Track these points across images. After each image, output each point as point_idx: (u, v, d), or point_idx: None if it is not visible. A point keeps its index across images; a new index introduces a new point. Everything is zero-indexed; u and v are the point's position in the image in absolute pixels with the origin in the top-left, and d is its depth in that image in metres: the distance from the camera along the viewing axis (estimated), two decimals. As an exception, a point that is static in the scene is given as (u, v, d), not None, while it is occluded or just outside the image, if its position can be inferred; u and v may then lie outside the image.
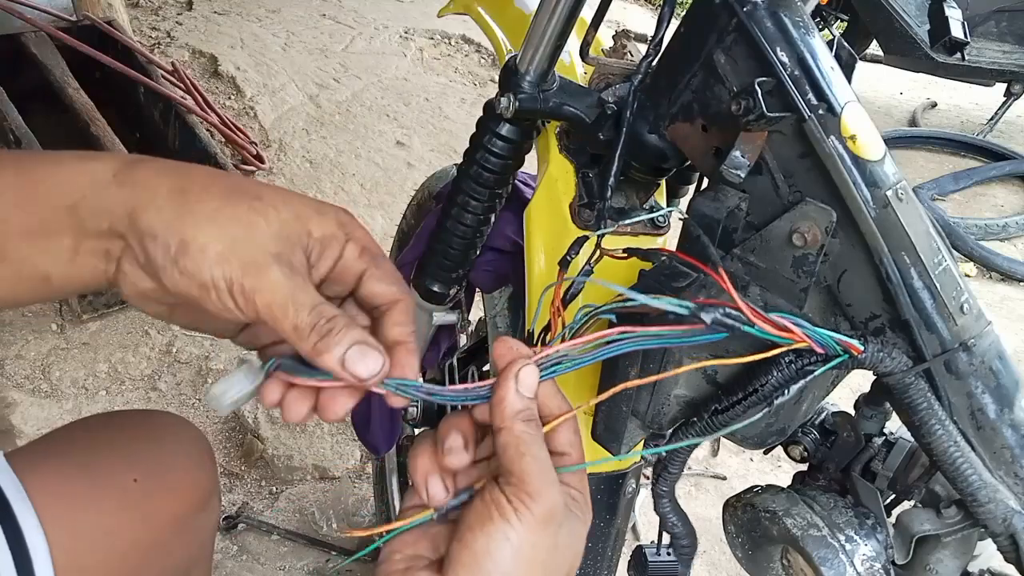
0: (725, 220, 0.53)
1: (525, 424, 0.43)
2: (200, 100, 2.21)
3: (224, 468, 1.55)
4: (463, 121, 2.80)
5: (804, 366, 0.48)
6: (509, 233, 0.85)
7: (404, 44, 3.19)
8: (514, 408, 0.43)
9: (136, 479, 0.65)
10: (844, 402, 0.65)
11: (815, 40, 0.50)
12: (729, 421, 0.52)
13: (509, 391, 0.43)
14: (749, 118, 0.49)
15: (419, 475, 0.45)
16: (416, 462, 0.45)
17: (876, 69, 3.49)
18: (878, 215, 0.48)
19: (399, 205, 2.29)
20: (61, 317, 1.74)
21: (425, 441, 0.46)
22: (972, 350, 0.50)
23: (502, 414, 0.43)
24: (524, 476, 0.41)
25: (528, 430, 0.43)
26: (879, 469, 0.59)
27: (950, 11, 0.54)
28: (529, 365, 0.44)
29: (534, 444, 0.42)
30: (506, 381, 0.43)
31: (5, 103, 1.74)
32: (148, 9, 2.94)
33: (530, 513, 0.40)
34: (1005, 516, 0.50)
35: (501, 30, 0.90)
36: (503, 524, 0.40)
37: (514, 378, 0.43)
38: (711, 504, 1.69)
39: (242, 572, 1.38)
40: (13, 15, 1.94)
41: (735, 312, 0.45)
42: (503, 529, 0.40)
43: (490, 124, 0.71)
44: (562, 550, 0.42)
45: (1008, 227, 2.75)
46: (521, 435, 0.42)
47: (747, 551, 0.63)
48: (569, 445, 0.46)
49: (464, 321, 1.00)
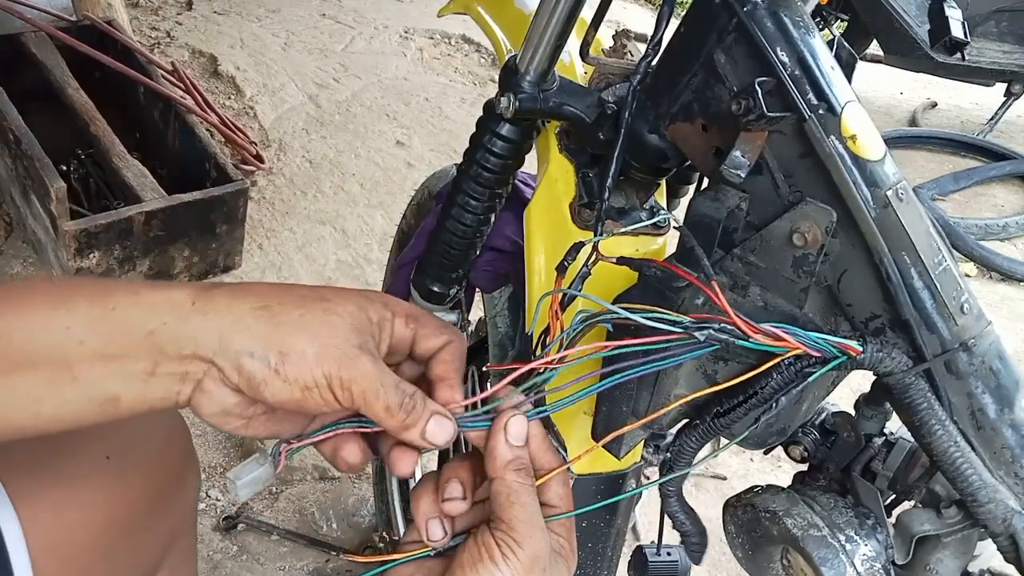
0: (725, 220, 0.53)
1: (516, 474, 0.47)
2: (200, 100, 2.21)
3: (224, 468, 1.55)
4: (463, 121, 2.80)
5: (803, 369, 0.48)
6: (509, 233, 0.85)
7: (404, 44, 3.19)
8: (505, 458, 0.48)
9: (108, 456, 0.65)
10: (844, 402, 0.65)
11: (815, 40, 0.50)
12: (730, 424, 0.53)
13: (499, 443, 0.48)
14: (749, 118, 0.49)
15: (420, 517, 0.50)
16: (418, 504, 0.50)
17: (876, 69, 3.48)
18: (878, 215, 0.48)
19: (399, 205, 2.29)
20: (61, 317, 1.74)
21: (427, 484, 0.51)
22: (972, 350, 0.50)
23: (494, 465, 0.48)
24: (513, 523, 0.45)
25: (519, 479, 0.47)
26: (879, 469, 0.59)
27: (950, 11, 0.54)
28: (516, 416, 0.49)
29: (524, 493, 0.47)
30: (496, 434, 0.48)
31: (5, 103, 1.73)
32: (148, 9, 2.94)
33: (516, 559, 0.44)
34: (1005, 516, 0.50)
35: (501, 30, 0.90)
36: (492, 567, 0.44)
37: (503, 431, 0.48)
38: (711, 504, 1.69)
39: (242, 572, 1.38)
40: (13, 15, 1.94)
41: (729, 327, 0.46)
42: (491, 571, 0.44)
43: (490, 124, 0.71)
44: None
45: (1008, 227, 2.75)
46: (512, 484, 0.47)
47: (747, 551, 0.63)
48: (558, 499, 0.51)
49: (464, 321, 1.00)
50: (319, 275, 2.03)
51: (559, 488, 0.51)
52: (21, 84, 1.87)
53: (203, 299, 0.46)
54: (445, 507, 0.49)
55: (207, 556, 1.38)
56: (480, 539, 0.46)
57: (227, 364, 0.45)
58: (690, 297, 0.52)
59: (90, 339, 0.45)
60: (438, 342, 0.53)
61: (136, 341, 0.45)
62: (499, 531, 0.45)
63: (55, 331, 0.45)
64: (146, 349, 0.45)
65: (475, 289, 1.00)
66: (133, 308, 0.46)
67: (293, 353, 0.45)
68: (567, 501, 0.51)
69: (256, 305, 0.46)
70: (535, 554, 0.45)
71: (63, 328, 0.45)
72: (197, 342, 0.45)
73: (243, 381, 0.45)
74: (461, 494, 0.49)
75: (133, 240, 1.67)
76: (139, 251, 1.70)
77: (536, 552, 0.45)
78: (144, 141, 2.10)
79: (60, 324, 0.45)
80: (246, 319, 0.46)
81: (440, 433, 0.48)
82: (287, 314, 0.46)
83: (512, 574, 0.44)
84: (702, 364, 0.54)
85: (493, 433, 0.49)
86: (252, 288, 0.48)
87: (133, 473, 0.68)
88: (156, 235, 1.70)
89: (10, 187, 1.84)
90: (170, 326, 0.45)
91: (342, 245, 2.15)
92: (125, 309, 0.46)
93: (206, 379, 0.46)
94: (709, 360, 0.54)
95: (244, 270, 1.97)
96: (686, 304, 0.52)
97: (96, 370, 0.45)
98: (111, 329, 0.45)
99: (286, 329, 0.46)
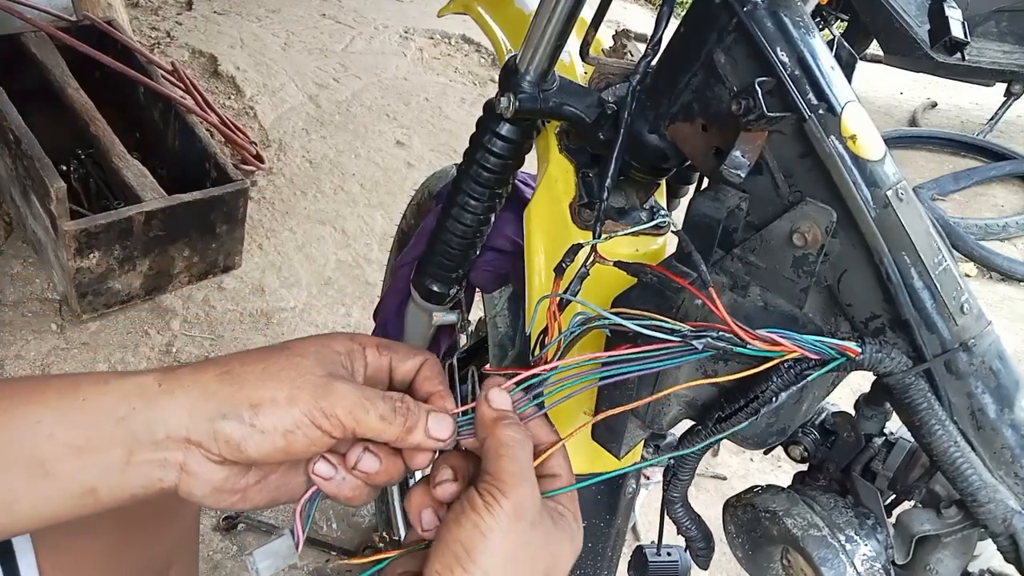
0: (725, 220, 0.53)
1: (505, 427, 0.47)
2: (200, 100, 2.20)
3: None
4: (463, 121, 2.80)
5: (802, 371, 0.48)
6: (509, 233, 0.85)
7: (404, 44, 3.19)
8: (489, 416, 0.48)
9: None
10: (844, 402, 0.65)
11: (815, 40, 0.50)
12: (732, 427, 0.53)
13: (481, 406, 0.49)
14: (749, 118, 0.49)
15: (413, 510, 0.49)
16: (411, 500, 0.50)
17: (876, 69, 3.48)
18: (878, 215, 0.48)
19: (399, 205, 2.29)
20: (61, 317, 1.74)
21: (421, 483, 0.51)
22: (972, 350, 0.50)
23: (483, 425, 0.48)
24: (498, 473, 0.45)
25: (509, 432, 0.47)
26: (879, 469, 0.59)
27: (950, 11, 0.54)
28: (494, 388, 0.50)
29: (514, 446, 0.47)
30: (479, 403, 0.50)
31: (5, 103, 1.73)
32: (148, 9, 2.94)
33: (500, 506, 0.43)
34: (1005, 516, 0.50)
35: (501, 30, 0.90)
36: (474, 516, 0.43)
37: (484, 399, 0.49)
38: (711, 504, 1.69)
39: (242, 572, 1.38)
40: (13, 15, 1.94)
41: (727, 335, 0.46)
42: (474, 519, 0.43)
43: (490, 124, 0.71)
44: (534, 549, 0.45)
45: (1008, 227, 2.75)
46: (501, 437, 0.47)
47: (747, 551, 0.63)
48: (559, 468, 0.51)
49: (464, 321, 1.00)
50: (319, 275, 2.03)
51: (560, 460, 0.51)
52: (21, 84, 1.86)
53: (168, 379, 0.46)
54: (436, 492, 0.48)
55: (207, 556, 1.38)
56: (464, 495, 0.45)
57: (203, 436, 0.45)
58: (689, 298, 0.52)
59: (60, 432, 0.44)
60: (414, 364, 0.54)
61: (108, 430, 0.45)
62: (483, 483, 0.45)
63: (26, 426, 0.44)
64: (119, 437, 0.45)
65: (475, 289, 1.00)
66: (102, 397, 0.46)
67: (264, 403, 0.45)
68: (568, 472, 0.51)
69: (219, 372, 0.47)
70: (520, 503, 0.44)
71: (34, 422, 0.44)
72: (168, 423, 0.45)
73: (223, 447, 0.45)
74: (452, 476, 0.49)
75: (133, 240, 1.67)
76: (139, 251, 1.70)
77: (521, 502, 0.44)
78: (144, 141, 2.10)
79: (31, 419, 0.44)
80: (211, 386, 0.46)
81: (443, 428, 0.49)
82: (251, 371, 0.47)
83: (495, 522, 0.43)
84: (702, 364, 0.54)
85: (477, 403, 0.50)
86: (214, 360, 0.49)
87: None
88: (156, 235, 1.70)
89: (10, 187, 1.84)
90: (139, 410, 0.45)
91: (342, 245, 2.15)
92: (94, 399, 0.46)
93: (188, 461, 0.46)
94: (709, 360, 0.54)
95: (244, 270, 1.97)
96: (685, 305, 0.52)
97: (70, 463, 0.45)
98: (81, 420, 0.45)
99: (253, 384, 0.46)
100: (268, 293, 1.94)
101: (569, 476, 0.51)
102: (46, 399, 0.45)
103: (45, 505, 0.45)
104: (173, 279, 1.84)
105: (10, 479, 0.44)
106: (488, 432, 0.48)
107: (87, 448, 0.45)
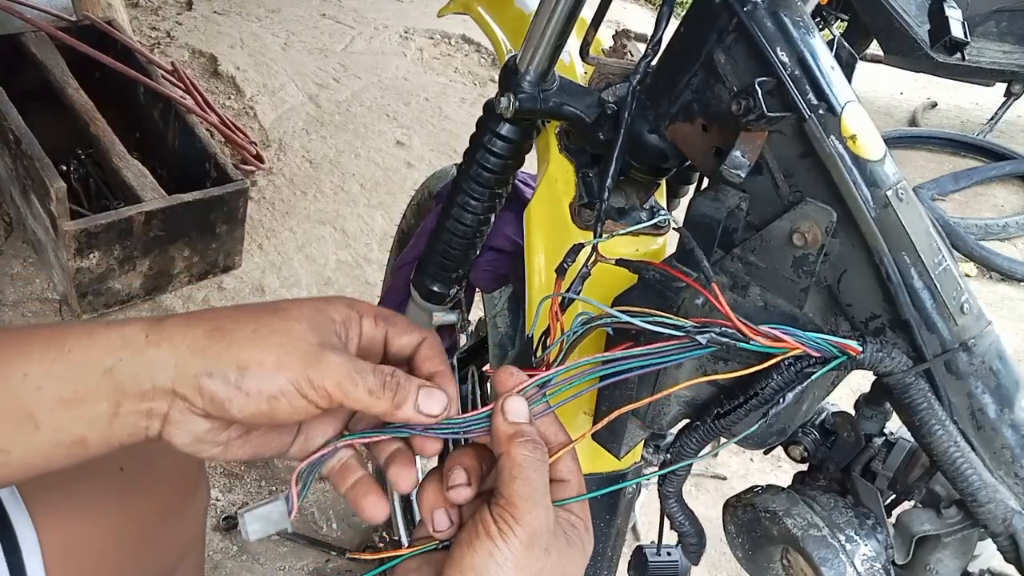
0: (725, 220, 0.53)
1: (521, 447, 0.46)
2: (200, 100, 2.20)
3: (224, 468, 1.55)
4: (463, 121, 2.80)
5: (803, 369, 0.48)
6: (509, 233, 0.85)
7: (404, 44, 3.19)
8: (506, 433, 0.47)
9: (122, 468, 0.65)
10: (844, 402, 0.65)
11: (815, 40, 0.50)
12: (731, 425, 0.53)
13: (499, 421, 0.48)
14: (749, 118, 0.49)
15: (425, 508, 0.48)
16: (423, 496, 0.49)
17: (876, 69, 3.48)
18: (878, 215, 0.48)
19: (399, 205, 2.29)
20: (61, 317, 1.74)
21: (433, 477, 0.49)
22: (972, 350, 0.50)
23: (498, 440, 0.47)
24: (512, 498, 0.44)
25: (525, 452, 0.46)
26: (879, 469, 0.59)
27: (950, 11, 0.54)
28: (512, 396, 0.48)
29: (528, 467, 0.45)
30: (496, 414, 0.48)
31: (5, 103, 1.73)
32: (148, 9, 2.94)
33: (514, 535, 0.43)
34: (1005, 516, 0.50)
35: (501, 30, 0.90)
36: (488, 543, 0.43)
37: (500, 411, 0.48)
38: (711, 504, 1.69)
39: (242, 572, 1.38)
40: (13, 15, 1.94)
41: (730, 330, 0.46)
42: (488, 548, 0.43)
43: (490, 124, 0.71)
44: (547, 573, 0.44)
45: (1008, 227, 2.75)
46: (516, 458, 0.46)
47: (747, 551, 0.63)
48: (569, 472, 0.50)
49: (464, 321, 1.00)
50: (319, 275, 2.03)
51: (569, 463, 0.50)
52: (21, 84, 1.86)
53: (156, 331, 0.46)
54: (450, 495, 0.47)
55: (207, 556, 1.38)
56: (479, 516, 0.44)
57: (188, 390, 0.45)
58: (690, 297, 0.52)
59: (48, 384, 0.44)
60: (412, 339, 0.52)
61: (95, 381, 0.45)
62: (497, 507, 0.44)
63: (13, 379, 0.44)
64: (105, 389, 0.45)
65: (475, 289, 1.00)
66: (88, 348, 0.45)
67: (252, 366, 0.44)
68: (578, 476, 0.50)
69: (209, 328, 0.46)
70: (534, 531, 0.43)
71: (20, 375, 0.44)
72: (154, 375, 0.45)
73: (207, 403, 0.45)
74: (465, 480, 0.48)
75: (133, 240, 1.67)
76: (139, 251, 1.70)
77: (535, 529, 0.43)
78: (144, 141, 2.10)
79: (17, 372, 0.44)
80: (200, 342, 0.45)
81: (433, 403, 0.47)
82: (241, 330, 0.46)
83: (509, 551, 0.43)
84: (702, 364, 0.54)
85: (493, 414, 0.48)
86: (205, 314, 0.48)
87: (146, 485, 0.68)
88: (156, 235, 1.70)
89: (10, 187, 1.84)
90: (126, 361, 0.45)
91: (342, 245, 2.15)
92: (80, 350, 0.45)
93: (172, 411, 0.46)
94: (709, 361, 0.54)
95: (244, 270, 1.97)
96: (686, 304, 0.52)
97: (58, 415, 0.44)
98: (68, 372, 0.45)
99: (241, 344, 0.45)
100: (268, 293, 1.94)
101: (579, 481, 0.50)
102: (31, 351, 0.45)
103: (35, 456, 0.45)
104: (173, 279, 1.84)
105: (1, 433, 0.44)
106: (503, 449, 0.46)
107: (75, 400, 0.44)
